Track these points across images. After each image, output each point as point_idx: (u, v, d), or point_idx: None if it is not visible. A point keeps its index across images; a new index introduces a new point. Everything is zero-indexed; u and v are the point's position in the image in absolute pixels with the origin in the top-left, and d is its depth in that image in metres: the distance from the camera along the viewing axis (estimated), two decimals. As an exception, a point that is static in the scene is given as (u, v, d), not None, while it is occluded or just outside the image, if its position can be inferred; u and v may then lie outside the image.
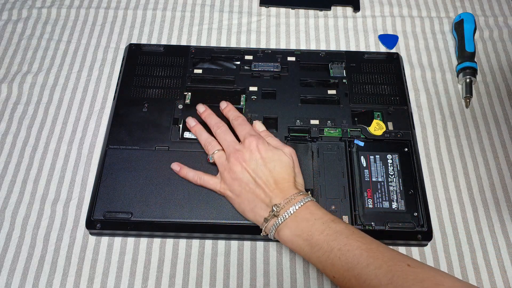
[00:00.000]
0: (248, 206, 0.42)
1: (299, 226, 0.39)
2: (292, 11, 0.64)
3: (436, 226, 0.48)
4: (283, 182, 0.42)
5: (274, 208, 0.40)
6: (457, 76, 0.58)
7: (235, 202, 0.44)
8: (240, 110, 0.52)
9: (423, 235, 0.45)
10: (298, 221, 0.39)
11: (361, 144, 0.50)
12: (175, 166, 0.47)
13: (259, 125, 0.49)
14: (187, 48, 0.58)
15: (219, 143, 0.47)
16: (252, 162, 0.43)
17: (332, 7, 0.64)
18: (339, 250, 0.37)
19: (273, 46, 0.61)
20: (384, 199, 0.47)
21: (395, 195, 0.47)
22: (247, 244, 0.46)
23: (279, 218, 0.40)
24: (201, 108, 0.51)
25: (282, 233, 0.40)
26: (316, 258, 0.38)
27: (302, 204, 0.40)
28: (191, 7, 0.64)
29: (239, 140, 0.46)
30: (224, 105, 0.51)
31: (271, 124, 0.52)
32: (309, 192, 0.46)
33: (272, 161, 0.43)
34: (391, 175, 0.48)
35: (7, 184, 0.49)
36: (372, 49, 0.61)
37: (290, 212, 0.40)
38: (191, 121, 0.50)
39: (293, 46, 0.61)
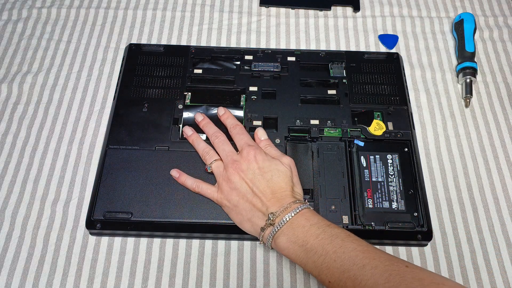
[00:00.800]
0: (245, 216, 0.42)
1: (295, 233, 0.39)
2: (292, 11, 0.64)
3: (436, 226, 0.48)
4: (280, 192, 0.42)
5: (270, 216, 0.40)
6: (457, 76, 0.58)
7: (232, 212, 0.44)
8: (240, 110, 0.52)
9: (423, 235, 0.45)
10: (294, 228, 0.39)
11: (361, 144, 0.50)
12: (174, 173, 0.47)
13: (261, 133, 0.49)
14: (187, 48, 0.58)
15: (216, 152, 0.47)
16: (250, 172, 0.43)
17: (332, 7, 0.64)
18: (334, 252, 0.37)
19: (273, 46, 0.61)
20: (384, 199, 0.47)
21: (395, 195, 0.47)
22: (247, 244, 0.46)
23: (275, 226, 0.40)
24: (199, 117, 0.51)
25: (279, 241, 0.40)
26: (312, 263, 0.38)
27: (298, 211, 0.40)
28: (191, 7, 0.64)
29: (236, 149, 0.46)
30: (222, 112, 0.51)
31: (271, 124, 0.52)
32: (307, 199, 0.46)
33: (269, 171, 0.43)
34: (391, 175, 0.48)
35: (7, 184, 0.49)
36: (372, 49, 0.61)
37: (285, 219, 0.39)
38: (188, 131, 0.50)
39: (293, 46, 0.61)
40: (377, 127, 0.51)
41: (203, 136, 0.50)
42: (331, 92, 0.54)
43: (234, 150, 0.46)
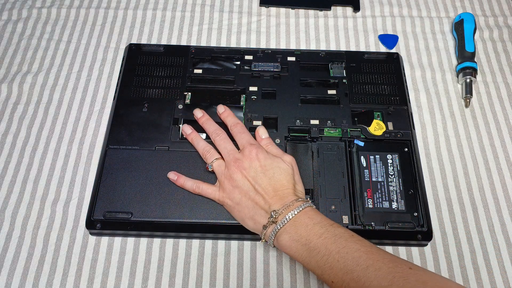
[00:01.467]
0: (248, 214, 0.42)
1: (298, 231, 0.39)
2: (292, 11, 0.64)
3: (436, 226, 0.48)
4: (282, 189, 0.42)
5: (272, 214, 0.40)
6: (457, 76, 0.58)
7: (235, 210, 0.44)
8: (240, 110, 0.52)
9: (423, 235, 0.45)
10: (297, 226, 0.39)
11: (361, 144, 0.50)
12: (172, 175, 0.47)
13: (262, 131, 0.48)
14: (187, 48, 0.58)
15: (217, 150, 0.47)
16: (252, 170, 0.43)
17: (332, 7, 0.64)
18: (337, 253, 0.37)
19: (273, 46, 0.61)
20: (384, 199, 0.47)
21: (395, 195, 0.47)
22: (247, 244, 0.46)
23: (277, 224, 0.40)
24: (198, 113, 0.50)
25: (281, 239, 0.40)
26: (315, 263, 0.38)
27: (300, 209, 0.40)
28: (191, 7, 0.64)
29: (237, 147, 0.46)
30: (222, 110, 0.50)
31: (271, 124, 0.52)
32: (308, 198, 0.46)
33: (271, 168, 0.43)
34: (391, 175, 0.48)
35: (7, 184, 0.49)
36: (372, 49, 0.61)
37: (288, 217, 0.39)
38: (187, 129, 0.50)
39: (293, 46, 0.61)
40: (377, 127, 0.51)
41: (202, 135, 0.50)
42: (331, 92, 0.54)
43: (235, 148, 0.46)
